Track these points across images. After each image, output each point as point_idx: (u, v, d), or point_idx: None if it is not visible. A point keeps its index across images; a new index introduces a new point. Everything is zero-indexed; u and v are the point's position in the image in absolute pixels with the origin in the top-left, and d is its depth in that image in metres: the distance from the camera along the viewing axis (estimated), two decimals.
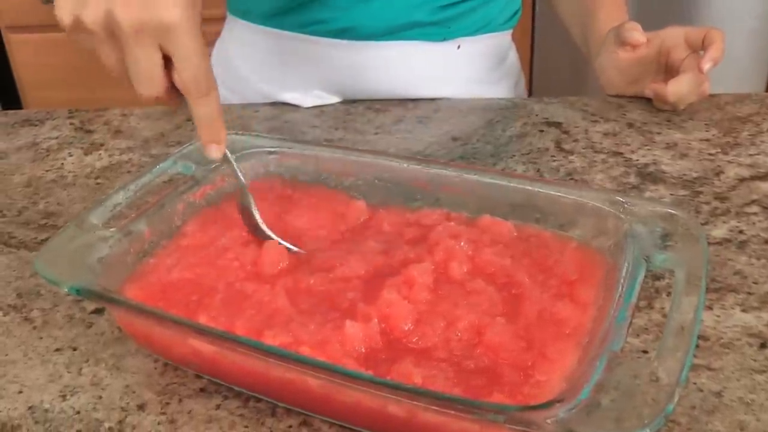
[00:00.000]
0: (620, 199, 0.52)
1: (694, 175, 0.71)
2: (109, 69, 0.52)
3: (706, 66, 0.78)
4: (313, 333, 0.44)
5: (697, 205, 0.66)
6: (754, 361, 0.49)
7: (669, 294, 0.54)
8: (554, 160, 0.75)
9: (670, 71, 0.84)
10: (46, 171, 0.77)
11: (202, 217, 0.57)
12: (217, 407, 0.47)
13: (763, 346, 0.50)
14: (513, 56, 1.00)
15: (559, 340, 0.45)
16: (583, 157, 0.76)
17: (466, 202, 0.57)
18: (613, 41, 0.85)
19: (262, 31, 0.90)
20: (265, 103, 0.91)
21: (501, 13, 0.93)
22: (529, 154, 0.77)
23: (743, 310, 0.53)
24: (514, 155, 0.77)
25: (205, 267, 0.52)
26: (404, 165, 0.59)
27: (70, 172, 0.76)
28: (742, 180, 0.70)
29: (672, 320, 0.41)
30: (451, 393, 0.41)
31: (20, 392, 0.49)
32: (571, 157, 0.76)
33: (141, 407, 0.47)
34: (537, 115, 0.86)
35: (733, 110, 0.85)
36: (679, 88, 0.81)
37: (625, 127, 0.82)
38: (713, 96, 0.87)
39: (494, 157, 0.76)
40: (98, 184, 0.74)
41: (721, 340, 0.51)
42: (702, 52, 0.80)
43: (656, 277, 0.56)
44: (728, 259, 0.59)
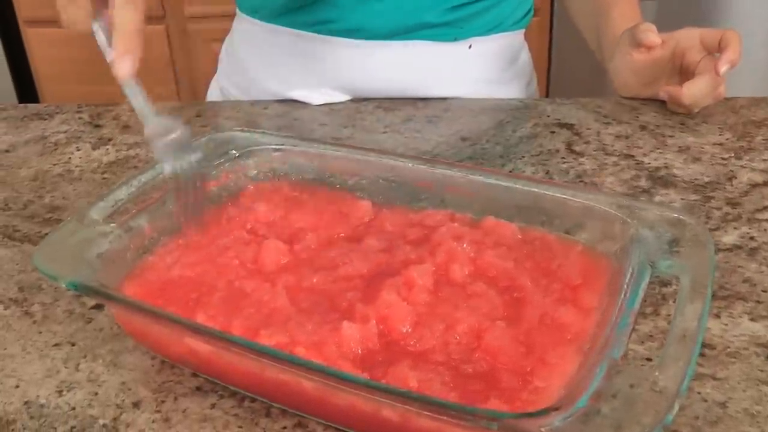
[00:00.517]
0: (628, 203, 0.51)
1: (706, 179, 0.70)
2: None
3: (723, 68, 0.77)
4: (310, 333, 0.44)
5: (708, 210, 0.65)
6: (761, 371, 0.48)
7: (676, 301, 0.53)
8: (564, 162, 0.74)
9: (685, 73, 0.82)
10: (53, 165, 0.77)
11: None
12: (212, 406, 0.46)
13: None
14: (525, 56, 0.99)
15: (559, 346, 0.44)
16: (594, 160, 0.74)
17: (471, 204, 0.56)
18: (628, 42, 0.84)
19: (272, 28, 0.90)
20: (275, 101, 0.91)
21: (513, 13, 0.92)
22: (539, 155, 0.76)
23: (751, 319, 0.52)
24: (524, 156, 0.76)
25: (206, 265, 0.52)
26: (409, 165, 0.59)
27: (77, 167, 0.76)
28: (755, 185, 0.69)
29: (675, 328, 0.40)
30: (446, 398, 0.40)
31: (17, 387, 0.49)
32: (582, 159, 0.75)
33: (136, 405, 0.47)
34: (549, 116, 0.85)
35: (748, 114, 0.83)
36: (694, 90, 0.80)
37: (638, 129, 0.80)
38: (728, 99, 0.85)
39: (503, 158, 0.76)
40: (104, 179, 0.74)
41: (728, 349, 0.50)
42: (718, 54, 0.78)
43: (663, 284, 0.55)
44: (738, 266, 0.57)
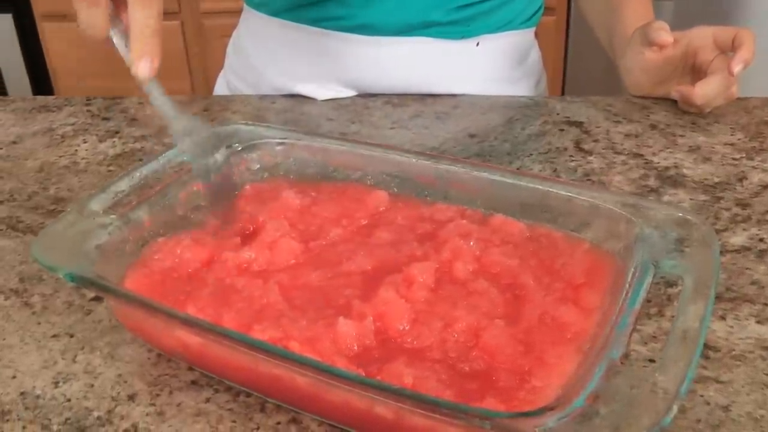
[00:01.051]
0: (634, 202, 0.50)
1: (716, 179, 0.69)
2: None
3: (737, 68, 0.76)
4: (304, 329, 0.43)
5: (717, 211, 0.64)
6: (766, 375, 0.47)
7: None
8: (572, 160, 0.73)
9: (697, 73, 0.81)
10: (60, 157, 0.77)
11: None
12: (207, 401, 0.46)
13: None
14: (535, 55, 0.98)
15: (559, 345, 0.43)
16: (603, 158, 0.73)
17: (476, 201, 0.56)
18: (640, 41, 0.83)
19: (279, 23, 0.89)
20: (282, 95, 0.90)
21: (522, 11, 0.91)
22: (547, 153, 0.75)
23: (758, 322, 0.51)
24: (531, 154, 0.75)
25: (202, 259, 0.51)
26: (413, 160, 0.58)
27: (83, 159, 0.76)
28: (766, 186, 0.67)
29: (676, 329, 0.39)
30: (441, 396, 0.39)
31: (14, 377, 0.49)
32: (590, 158, 0.74)
33: (131, 397, 0.47)
34: (558, 114, 0.84)
35: (761, 114, 0.82)
36: (706, 90, 0.78)
37: (648, 128, 0.79)
38: (741, 99, 0.84)
39: (511, 156, 0.75)
40: (110, 171, 0.74)
41: (733, 352, 0.49)
42: (731, 54, 0.77)
43: (669, 284, 0.54)
44: (746, 268, 0.56)
